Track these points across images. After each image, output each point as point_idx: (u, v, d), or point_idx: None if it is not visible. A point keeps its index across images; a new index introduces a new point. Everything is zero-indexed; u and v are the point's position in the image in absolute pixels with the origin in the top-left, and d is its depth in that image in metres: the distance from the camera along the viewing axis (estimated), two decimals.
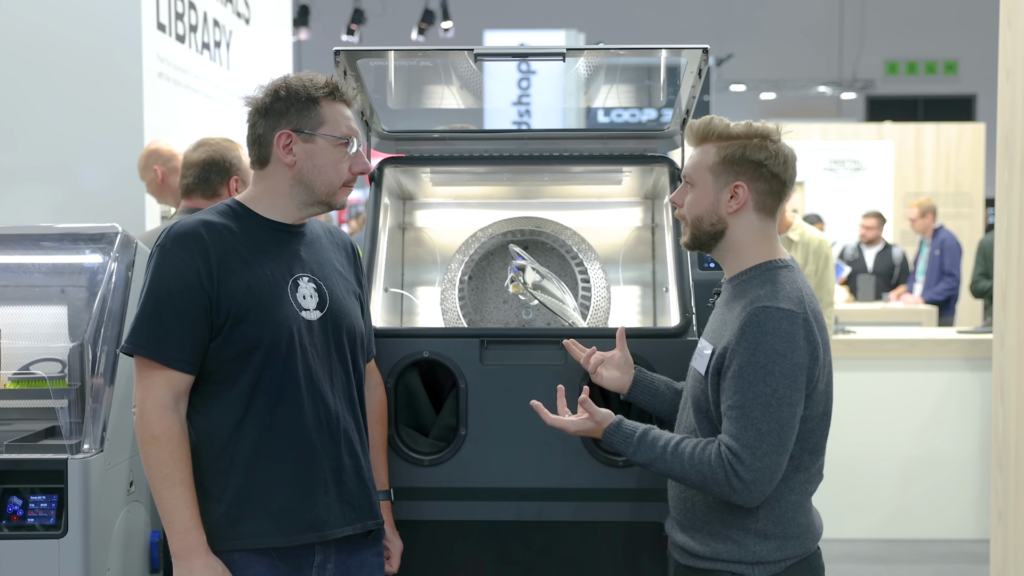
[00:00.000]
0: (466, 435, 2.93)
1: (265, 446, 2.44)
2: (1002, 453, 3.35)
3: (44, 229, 3.15)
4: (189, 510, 2.38)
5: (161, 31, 5.74)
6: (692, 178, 2.51)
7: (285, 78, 2.54)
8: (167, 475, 2.37)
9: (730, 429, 2.34)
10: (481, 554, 3.02)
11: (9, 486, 2.71)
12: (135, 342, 2.40)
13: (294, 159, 2.50)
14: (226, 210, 2.54)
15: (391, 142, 3.42)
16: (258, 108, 2.53)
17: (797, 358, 2.33)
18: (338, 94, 2.54)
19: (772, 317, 2.33)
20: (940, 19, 19.13)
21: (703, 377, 2.44)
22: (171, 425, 2.37)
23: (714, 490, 2.37)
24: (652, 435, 2.47)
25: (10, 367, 2.96)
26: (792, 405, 2.33)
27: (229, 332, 2.41)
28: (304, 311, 2.50)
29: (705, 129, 2.50)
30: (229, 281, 2.41)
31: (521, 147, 3.41)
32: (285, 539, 2.45)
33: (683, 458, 2.39)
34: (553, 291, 3.15)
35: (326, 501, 2.49)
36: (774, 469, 2.34)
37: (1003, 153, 3.39)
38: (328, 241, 2.68)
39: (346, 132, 2.53)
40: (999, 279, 3.49)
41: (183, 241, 2.42)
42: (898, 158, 12.83)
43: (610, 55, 3.30)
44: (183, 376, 2.40)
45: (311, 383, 2.48)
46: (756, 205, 2.47)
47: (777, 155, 2.45)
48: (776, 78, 19.19)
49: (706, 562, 2.46)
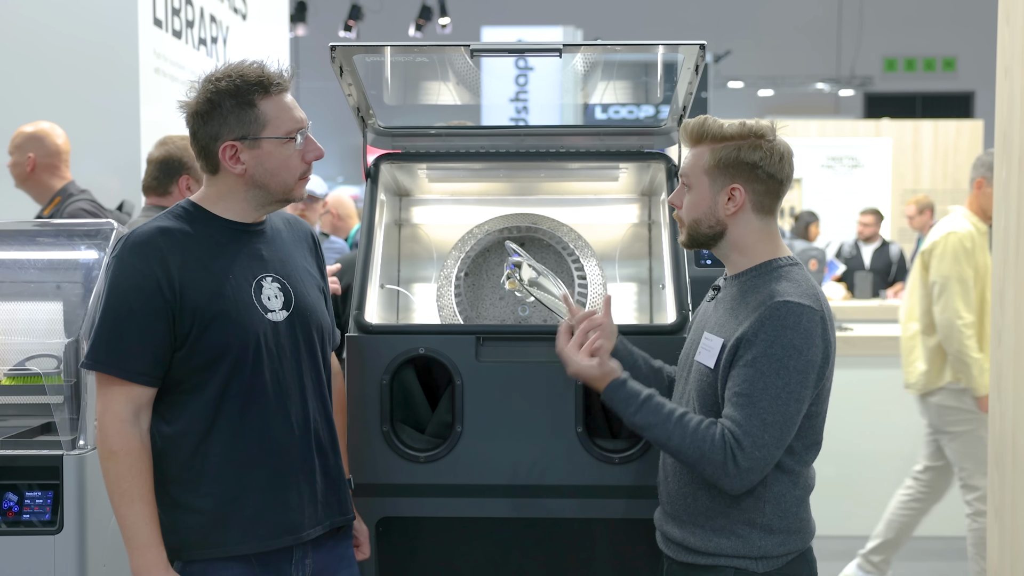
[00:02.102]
0: (462, 432, 2.92)
1: (236, 453, 2.39)
2: (999, 450, 3.35)
3: (40, 225, 3.15)
4: (148, 526, 2.33)
5: (158, 27, 5.73)
6: (689, 180, 2.51)
7: (215, 79, 2.40)
8: (125, 491, 2.32)
9: (734, 415, 2.33)
10: (477, 551, 3.02)
11: (5, 482, 2.71)
12: (95, 358, 2.34)
13: (244, 167, 2.41)
14: (182, 213, 2.45)
15: (387, 138, 3.41)
16: (194, 115, 2.43)
17: (811, 355, 2.34)
18: (273, 87, 2.41)
19: (793, 312, 2.33)
20: (938, 16, 19.14)
21: (711, 371, 2.43)
22: (130, 440, 2.32)
23: (707, 469, 2.35)
24: (657, 400, 2.44)
25: (5, 363, 2.95)
26: (799, 401, 2.34)
27: (195, 341, 2.35)
28: (270, 312, 2.43)
29: (699, 130, 2.49)
30: (192, 289, 2.34)
31: (518, 143, 3.40)
32: (261, 544, 2.41)
33: (686, 429, 2.36)
34: (549, 288, 3.14)
35: (299, 503, 2.46)
36: (768, 461, 2.34)
37: (1001, 150, 3.38)
38: (289, 235, 2.61)
39: (291, 127, 2.42)
40: (996, 276, 3.48)
41: (140, 250, 2.35)
42: (896, 155, 12.84)
43: (607, 51, 3.29)
44: (144, 389, 2.35)
45: (279, 386, 2.44)
46: (754, 205, 2.47)
47: (772, 154, 2.45)
48: (774, 75, 19.20)
49: (708, 558, 2.46)
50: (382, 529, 2.95)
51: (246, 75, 2.40)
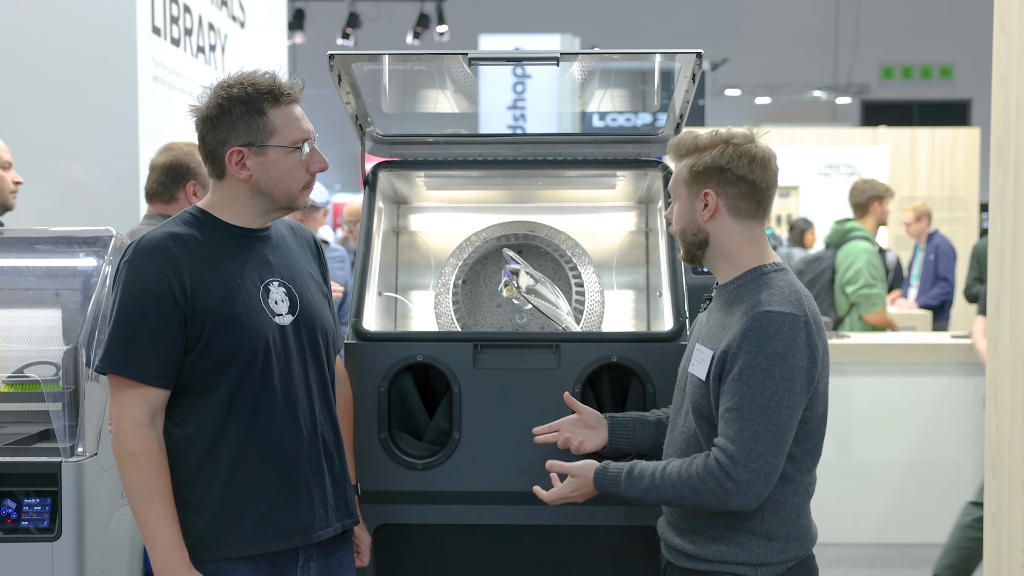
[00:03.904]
0: (459, 439, 2.93)
1: (245, 455, 2.42)
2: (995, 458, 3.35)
3: (38, 232, 3.16)
4: (170, 527, 2.35)
5: (156, 35, 5.73)
6: (672, 194, 2.58)
7: (227, 86, 2.45)
8: (146, 493, 2.34)
9: (726, 431, 2.36)
10: (475, 558, 3.02)
11: (3, 489, 2.71)
12: (109, 361, 2.36)
13: (249, 173, 2.45)
14: (190, 219, 2.49)
15: (385, 146, 3.42)
16: (203, 120, 2.46)
17: (797, 361, 2.35)
18: (283, 97, 2.46)
19: (774, 321, 2.35)
20: (935, 24, 19.18)
21: (703, 382, 2.45)
22: (148, 442, 2.35)
23: (710, 501, 2.38)
24: (638, 469, 2.49)
25: (4, 370, 2.95)
26: (790, 408, 2.35)
27: (206, 345, 2.38)
28: (277, 316, 2.48)
29: (677, 146, 2.56)
30: (202, 293, 2.38)
31: (515, 151, 3.41)
32: (270, 545, 2.44)
33: (672, 480, 2.41)
34: (547, 295, 3.15)
35: (309, 505, 2.49)
36: (769, 471, 2.35)
37: (997, 158, 3.39)
38: (293, 241, 2.65)
39: (297, 137, 2.47)
40: (992, 284, 3.49)
41: (151, 255, 2.38)
42: (893, 163, 12.85)
43: (605, 59, 3.30)
44: (159, 392, 2.37)
45: (287, 389, 2.47)
46: (730, 209, 2.50)
47: (741, 157, 2.48)
48: (771, 82, 19.22)
49: (707, 564, 2.47)
50: (380, 536, 2.95)
51: (258, 83, 2.44)
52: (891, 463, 6.14)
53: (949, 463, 6.12)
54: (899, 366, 6.15)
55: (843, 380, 5.91)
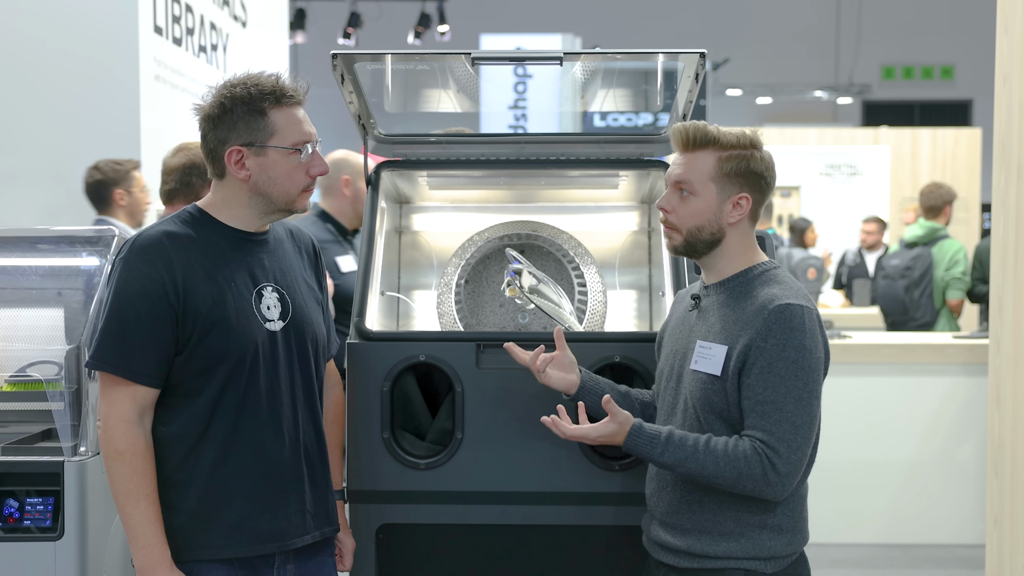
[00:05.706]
0: (462, 439, 2.93)
1: (226, 458, 2.42)
2: (998, 458, 3.36)
3: (41, 232, 3.16)
4: (153, 525, 2.36)
5: (158, 34, 5.74)
6: (693, 187, 2.51)
7: (231, 86, 2.45)
8: (131, 491, 2.35)
9: (761, 424, 2.36)
10: (477, 558, 3.01)
11: (5, 488, 2.72)
12: (100, 357, 2.37)
13: (248, 173, 2.45)
14: (188, 218, 2.49)
15: (388, 146, 3.42)
16: (206, 119, 2.46)
17: (819, 352, 2.41)
18: (285, 98, 2.46)
19: (796, 314, 2.38)
20: (936, 24, 19.16)
21: (716, 378, 2.44)
22: (135, 440, 2.35)
23: (747, 485, 2.37)
24: (678, 435, 2.44)
25: (7, 369, 2.96)
26: (818, 398, 2.40)
27: (195, 346, 2.38)
28: (268, 322, 2.47)
29: (702, 136, 2.51)
30: (195, 295, 2.38)
31: (518, 151, 3.41)
32: (244, 550, 2.44)
33: (717, 455, 2.38)
34: (549, 295, 3.15)
35: (286, 512, 2.49)
36: (803, 462, 2.39)
37: (999, 158, 3.39)
38: (291, 245, 2.65)
39: (298, 139, 2.46)
40: (995, 284, 3.49)
41: (147, 253, 2.38)
42: (894, 163, 12.85)
43: (607, 59, 3.30)
44: (148, 390, 2.38)
45: (272, 394, 2.47)
46: (751, 214, 2.54)
47: (772, 166, 2.53)
48: (772, 82, 19.21)
49: (715, 561, 2.47)
50: (382, 536, 2.95)
51: (261, 84, 2.44)
52: (893, 464, 6.14)
53: (951, 464, 6.12)
54: (901, 366, 6.16)
55: (845, 380, 5.91)
